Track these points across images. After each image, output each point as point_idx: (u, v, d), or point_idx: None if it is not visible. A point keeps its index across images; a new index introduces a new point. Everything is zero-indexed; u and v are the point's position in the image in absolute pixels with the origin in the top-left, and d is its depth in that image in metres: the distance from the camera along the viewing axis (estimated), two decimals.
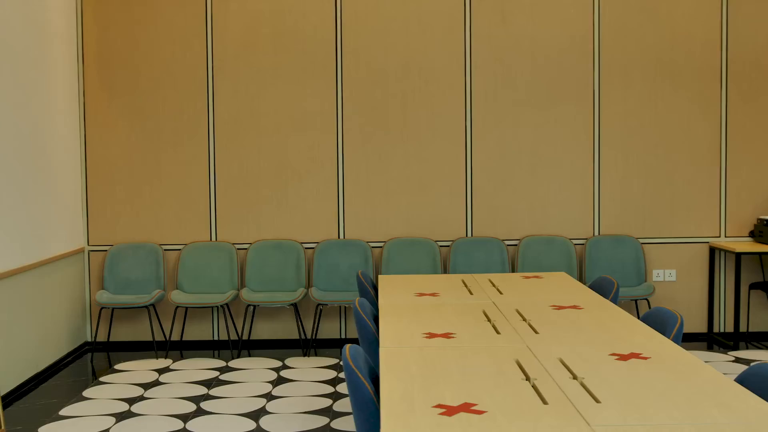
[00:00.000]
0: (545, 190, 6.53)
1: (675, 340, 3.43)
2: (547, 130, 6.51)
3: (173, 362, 6.10)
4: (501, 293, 4.44)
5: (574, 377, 2.81)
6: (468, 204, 6.52)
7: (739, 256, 6.25)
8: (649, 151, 6.53)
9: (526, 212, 6.54)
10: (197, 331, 6.56)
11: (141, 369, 5.92)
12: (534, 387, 2.71)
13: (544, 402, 2.55)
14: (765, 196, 6.55)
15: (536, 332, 3.50)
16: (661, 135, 6.52)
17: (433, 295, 4.42)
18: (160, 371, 5.85)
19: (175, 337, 6.55)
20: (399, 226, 6.53)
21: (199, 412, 4.91)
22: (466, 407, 2.51)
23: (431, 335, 3.47)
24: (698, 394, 2.60)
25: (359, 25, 6.46)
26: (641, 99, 6.51)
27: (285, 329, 6.56)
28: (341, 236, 6.54)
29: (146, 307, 6.23)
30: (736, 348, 6.26)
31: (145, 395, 5.28)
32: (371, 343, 3.73)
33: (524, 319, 3.75)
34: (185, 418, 4.81)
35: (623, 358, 3.06)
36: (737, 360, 5.93)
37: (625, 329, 3.52)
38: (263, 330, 6.55)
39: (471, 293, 4.45)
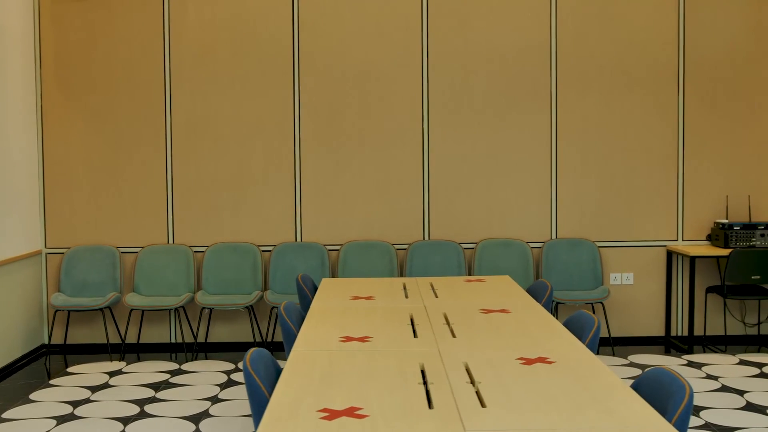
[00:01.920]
0: (503, 194, 6.53)
1: (591, 344, 3.43)
2: (505, 135, 6.52)
3: (127, 365, 6.10)
4: (437, 297, 4.43)
5: (472, 382, 2.81)
6: (425, 208, 6.52)
7: (693, 259, 6.24)
8: (606, 155, 6.53)
9: (483, 216, 6.54)
10: (155, 334, 6.56)
11: (93, 372, 5.93)
12: (427, 392, 2.71)
13: (430, 407, 2.55)
14: (722, 200, 6.54)
15: (454, 336, 3.49)
16: (618, 139, 6.52)
17: (368, 298, 4.42)
18: (112, 374, 5.86)
19: (133, 339, 6.55)
20: (356, 229, 6.53)
21: (142, 415, 4.91)
22: (350, 411, 2.51)
23: (348, 339, 3.47)
24: (588, 399, 2.60)
25: (317, 31, 6.46)
26: (599, 104, 6.51)
27: (242, 332, 6.56)
28: (298, 239, 6.54)
29: (101, 309, 6.24)
30: (690, 351, 6.25)
31: (91, 398, 5.28)
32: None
33: (447, 323, 3.75)
34: (126, 421, 4.81)
35: (529, 362, 3.06)
36: (690, 363, 5.93)
37: (543, 333, 3.52)
38: (220, 332, 6.55)
39: (406, 297, 4.45)
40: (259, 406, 2.81)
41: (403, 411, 2.51)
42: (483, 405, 2.56)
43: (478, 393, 2.68)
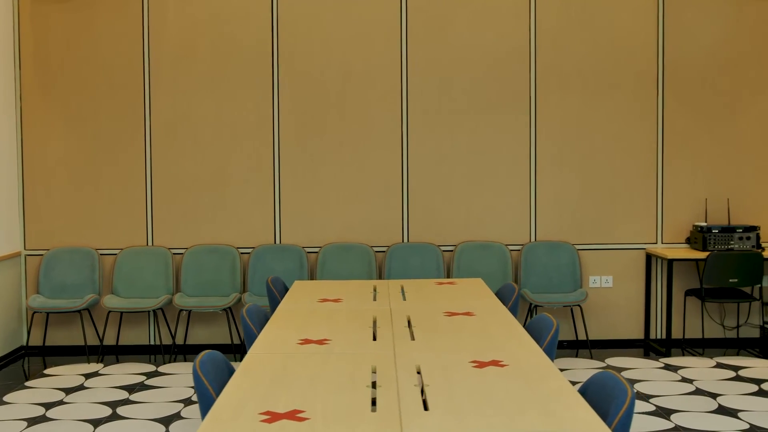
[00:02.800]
0: (482, 197, 6.53)
1: (549, 347, 3.43)
2: (485, 137, 6.52)
3: (104, 367, 6.11)
4: (404, 299, 4.44)
5: (420, 384, 2.81)
6: (404, 210, 6.53)
7: (671, 262, 6.24)
8: (586, 158, 6.53)
9: (462, 218, 6.54)
10: (134, 336, 6.56)
11: (69, 374, 5.93)
12: (373, 394, 2.70)
13: (373, 410, 2.55)
14: (702, 203, 6.54)
15: (413, 339, 3.49)
16: (598, 142, 6.52)
17: (335, 301, 4.42)
18: (88, 376, 5.86)
19: (112, 341, 6.55)
20: (335, 231, 6.54)
21: (114, 417, 4.91)
22: (292, 414, 2.51)
23: (306, 341, 3.47)
24: (532, 403, 2.60)
25: (296, 33, 6.47)
26: (578, 107, 6.51)
27: (220, 334, 6.56)
28: (277, 241, 6.54)
29: (79, 311, 6.24)
30: (668, 354, 6.25)
31: (65, 400, 5.28)
32: None
33: (409, 326, 3.75)
34: (97, 423, 4.81)
35: (481, 365, 3.05)
36: (666, 367, 5.92)
37: (501, 336, 3.51)
38: (199, 334, 6.55)
39: (374, 299, 4.45)
40: (207, 408, 2.82)
41: (345, 414, 2.51)
42: (426, 408, 2.56)
43: (424, 396, 2.68)
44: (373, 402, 2.63)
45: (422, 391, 2.73)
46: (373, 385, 2.82)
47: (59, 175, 6.50)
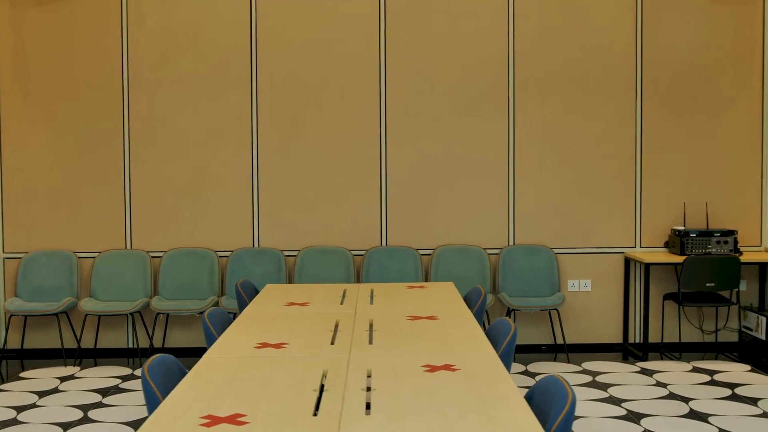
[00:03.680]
0: (461, 201, 6.53)
1: (506, 351, 3.43)
2: (464, 140, 6.52)
3: (81, 370, 6.11)
4: (371, 303, 4.44)
5: (368, 389, 2.81)
6: (383, 213, 6.53)
7: (648, 266, 6.24)
8: (565, 162, 6.53)
9: (441, 222, 6.54)
10: (112, 339, 6.56)
11: (45, 377, 5.93)
12: (318, 398, 2.70)
13: (315, 414, 2.55)
14: (680, 207, 6.54)
15: (371, 343, 3.49)
16: (577, 146, 6.53)
17: (302, 304, 4.42)
18: (63, 379, 5.86)
19: (90, 344, 6.55)
20: (314, 235, 6.54)
21: (84, 421, 4.91)
22: (233, 418, 2.51)
23: (263, 345, 3.47)
24: (475, 407, 2.60)
25: (275, 37, 6.48)
26: (557, 110, 6.51)
27: (199, 337, 6.56)
28: (256, 245, 6.54)
29: (56, 314, 6.24)
30: (645, 359, 6.24)
31: (37, 403, 5.28)
32: None
33: (370, 330, 3.75)
34: (67, 426, 4.81)
35: (433, 369, 3.05)
36: (642, 371, 5.92)
37: (459, 341, 3.51)
38: (177, 338, 6.55)
39: (342, 303, 4.45)
40: (152, 410, 2.81)
41: (286, 418, 2.51)
42: (368, 413, 2.56)
43: (368, 400, 2.68)
44: (318, 406, 2.63)
45: (367, 396, 2.73)
46: (321, 388, 2.82)
47: (38, 178, 6.51)
